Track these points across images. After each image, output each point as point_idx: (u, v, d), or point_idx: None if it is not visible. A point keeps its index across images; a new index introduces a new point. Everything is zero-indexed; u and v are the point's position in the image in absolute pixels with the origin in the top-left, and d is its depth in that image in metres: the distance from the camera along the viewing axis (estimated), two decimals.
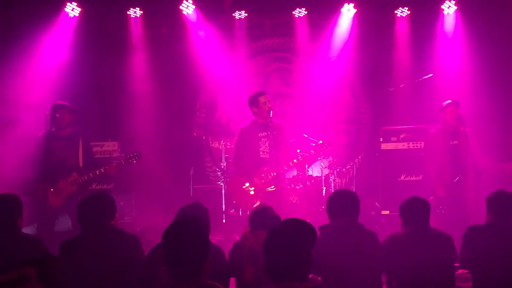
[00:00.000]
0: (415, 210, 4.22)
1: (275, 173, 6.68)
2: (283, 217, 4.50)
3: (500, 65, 8.60)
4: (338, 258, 3.88)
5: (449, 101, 6.99)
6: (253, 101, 6.87)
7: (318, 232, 3.13)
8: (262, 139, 6.83)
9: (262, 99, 6.83)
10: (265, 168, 6.74)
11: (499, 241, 4.09)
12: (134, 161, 6.75)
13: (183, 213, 4.07)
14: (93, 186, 7.38)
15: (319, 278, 3.05)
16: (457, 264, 4.25)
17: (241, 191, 6.81)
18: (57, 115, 6.58)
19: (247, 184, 6.77)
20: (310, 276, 2.99)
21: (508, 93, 8.57)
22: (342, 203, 4.24)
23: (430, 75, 8.49)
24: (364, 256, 4.03)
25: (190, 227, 3.08)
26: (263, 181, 6.72)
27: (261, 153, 6.83)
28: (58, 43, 8.51)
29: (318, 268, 3.22)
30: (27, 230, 5.99)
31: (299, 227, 3.03)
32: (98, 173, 6.53)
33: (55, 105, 6.68)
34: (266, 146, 6.83)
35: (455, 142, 6.87)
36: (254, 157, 6.82)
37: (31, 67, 8.22)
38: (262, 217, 4.36)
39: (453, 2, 8.71)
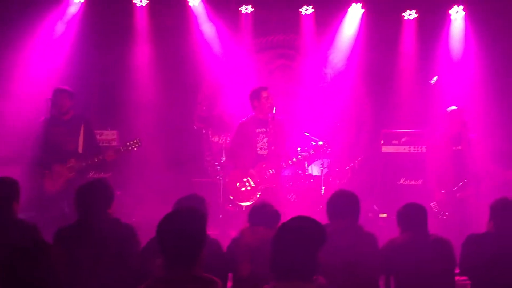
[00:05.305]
0: (413, 216, 4.21)
1: (273, 170, 6.62)
2: (281, 215, 4.47)
3: (508, 71, 8.54)
4: (335, 258, 3.83)
5: (454, 107, 6.92)
6: (255, 95, 6.80)
7: None
8: (260, 135, 6.75)
9: (264, 93, 6.76)
10: (264, 165, 6.67)
11: (499, 250, 4.05)
12: (135, 148, 6.59)
13: (180, 204, 4.03)
14: (91, 175, 7.30)
15: (324, 281, 2.97)
16: (457, 271, 4.21)
17: (238, 186, 6.75)
18: (57, 100, 6.50)
19: (244, 180, 6.70)
20: (315, 277, 2.93)
21: None
22: (343, 204, 4.21)
23: (435, 77, 8.42)
24: (362, 258, 4.00)
25: (185, 218, 3.03)
26: (261, 178, 6.65)
27: (258, 149, 6.74)
28: (62, 28, 8.42)
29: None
30: (26, 215, 5.94)
31: (310, 226, 2.96)
32: (96, 160, 6.43)
33: (55, 90, 6.58)
34: (264, 143, 6.74)
35: (459, 147, 6.79)
36: (251, 153, 6.73)
37: (34, 52, 8.14)
38: (261, 213, 4.34)
39: (461, 7, 8.65)
